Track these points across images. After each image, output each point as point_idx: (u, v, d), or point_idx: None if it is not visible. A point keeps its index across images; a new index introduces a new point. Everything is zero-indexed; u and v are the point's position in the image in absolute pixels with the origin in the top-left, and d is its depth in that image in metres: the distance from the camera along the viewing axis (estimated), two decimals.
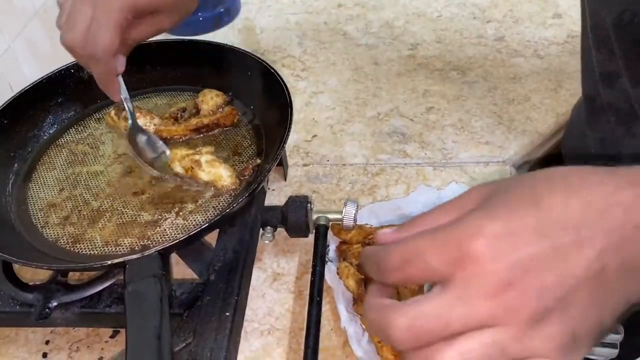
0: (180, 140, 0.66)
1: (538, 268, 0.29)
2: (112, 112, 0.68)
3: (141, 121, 0.66)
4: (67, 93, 0.71)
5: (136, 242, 0.56)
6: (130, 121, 0.63)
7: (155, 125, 0.67)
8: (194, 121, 0.67)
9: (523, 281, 0.29)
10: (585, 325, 0.30)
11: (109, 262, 0.50)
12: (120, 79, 0.59)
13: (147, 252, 0.50)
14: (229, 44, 0.72)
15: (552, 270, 0.29)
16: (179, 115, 0.69)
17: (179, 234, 0.56)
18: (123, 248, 0.56)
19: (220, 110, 0.68)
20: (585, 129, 0.67)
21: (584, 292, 0.29)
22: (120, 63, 0.57)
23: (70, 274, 0.58)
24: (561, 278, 0.29)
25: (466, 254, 0.30)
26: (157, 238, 0.56)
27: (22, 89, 0.68)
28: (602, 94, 0.61)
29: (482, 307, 0.29)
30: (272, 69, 0.66)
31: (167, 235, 0.56)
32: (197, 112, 0.69)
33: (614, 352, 0.53)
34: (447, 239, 0.31)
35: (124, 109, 0.68)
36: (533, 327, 0.29)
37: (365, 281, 0.56)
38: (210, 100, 0.69)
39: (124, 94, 0.61)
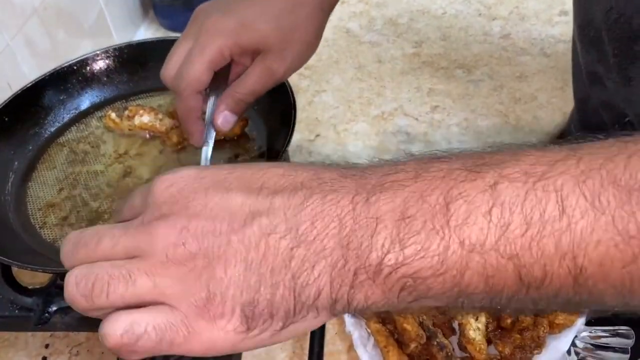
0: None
1: (198, 210, 0.29)
2: (113, 114, 0.67)
3: (146, 118, 0.65)
4: (68, 91, 0.70)
5: None
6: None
7: (160, 120, 0.66)
8: None
9: (176, 216, 0.29)
10: (228, 290, 0.28)
11: None
12: (212, 132, 0.53)
13: None
14: None
15: (209, 216, 0.29)
16: None
17: None
18: None
19: None
20: (579, 132, 0.67)
21: (238, 252, 0.28)
22: (223, 120, 0.52)
23: None
24: (216, 226, 0.28)
25: (149, 189, 0.31)
26: None
27: (24, 86, 0.67)
28: (592, 96, 0.60)
29: (132, 234, 0.30)
30: None
31: None
32: None
33: (625, 357, 0.53)
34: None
35: (124, 110, 0.67)
36: (170, 266, 0.28)
37: None
38: None
39: (208, 143, 0.53)
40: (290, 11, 0.51)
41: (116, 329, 0.29)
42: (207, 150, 0.53)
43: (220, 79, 0.53)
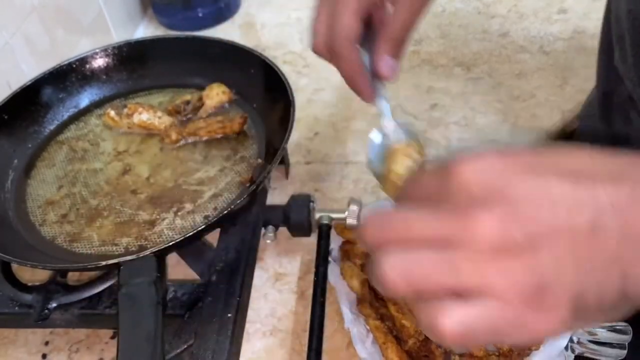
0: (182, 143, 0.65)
1: (517, 197, 0.27)
2: (112, 112, 0.67)
3: (145, 116, 0.65)
4: (68, 89, 0.71)
5: (133, 242, 0.55)
6: (385, 123, 0.51)
7: (159, 118, 0.66)
8: (200, 124, 0.65)
9: (495, 204, 0.27)
10: (558, 281, 0.27)
11: (103, 263, 0.49)
12: (384, 95, 0.49)
13: (142, 254, 0.49)
14: (229, 40, 0.71)
15: (531, 204, 0.27)
16: (182, 108, 0.68)
17: (176, 234, 0.55)
18: (120, 248, 0.55)
19: (225, 106, 0.68)
20: (597, 125, 0.66)
21: (566, 243, 0.27)
22: (386, 66, 0.48)
23: (70, 274, 0.57)
24: (541, 214, 0.27)
25: (450, 173, 0.28)
26: (154, 238, 0.55)
27: (23, 85, 0.67)
28: (620, 90, 0.59)
29: (445, 219, 0.28)
30: (274, 65, 0.65)
31: (164, 235, 0.55)
32: (201, 106, 0.68)
33: (622, 352, 0.53)
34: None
35: (123, 108, 0.67)
36: (494, 256, 0.27)
37: (369, 281, 0.56)
38: (216, 96, 0.68)
39: (381, 96, 0.49)
40: None
41: (452, 322, 0.27)
42: (384, 103, 0.50)
43: (370, 34, 0.49)
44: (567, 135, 0.77)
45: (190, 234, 0.51)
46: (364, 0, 0.47)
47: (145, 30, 1.05)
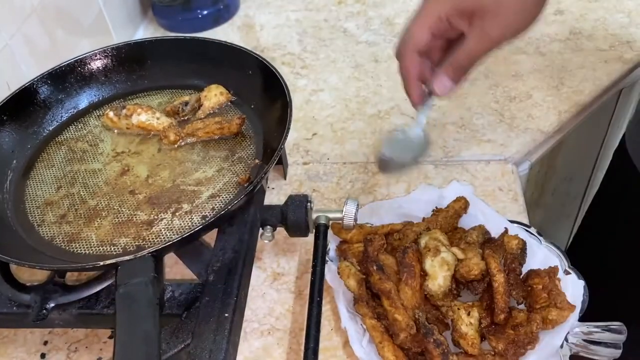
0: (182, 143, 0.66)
1: None
2: (111, 113, 0.67)
3: (143, 117, 0.66)
4: (67, 90, 0.71)
5: (131, 243, 0.56)
6: (418, 129, 0.59)
7: (157, 119, 0.66)
8: (198, 125, 0.66)
9: None
10: None
11: (101, 263, 0.49)
12: (428, 107, 0.57)
13: (139, 254, 0.49)
14: (228, 41, 0.71)
15: None
16: (180, 109, 0.68)
17: (174, 234, 0.56)
18: (118, 248, 0.55)
19: (224, 107, 0.68)
20: None
21: None
22: (441, 84, 0.54)
23: (68, 274, 0.57)
24: None
25: None
26: (152, 239, 0.56)
27: (22, 85, 0.67)
28: None
29: None
30: (272, 66, 0.65)
31: (162, 236, 0.56)
32: (199, 106, 0.68)
33: (617, 352, 0.53)
34: None
35: (122, 108, 0.67)
36: None
37: (366, 281, 0.56)
38: (214, 97, 0.68)
39: (425, 107, 0.57)
40: None
41: None
42: (423, 114, 0.58)
43: (444, 52, 0.56)
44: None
45: (188, 234, 0.51)
46: (437, 18, 0.52)
47: (145, 31, 1.05)
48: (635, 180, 0.73)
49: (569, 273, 0.57)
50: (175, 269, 0.63)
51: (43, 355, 0.59)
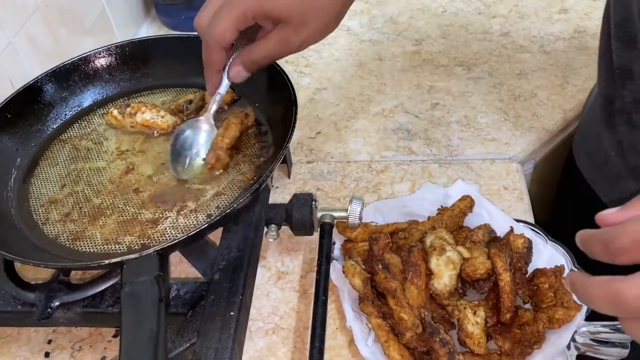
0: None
1: None
2: (115, 112, 0.67)
3: (148, 115, 0.66)
4: (71, 88, 0.71)
5: (136, 241, 0.55)
6: (209, 113, 0.62)
7: (162, 117, 0.66)
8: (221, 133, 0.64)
9: None
10: None
11: (106, 262, 0.49)
12: (226, 81, 0.58)
13: (145, 252, 0.49)
14: None
15: None
16: (184, 107, 0.68)
17: (179, 233, 0.55)
18: (123, 246, 0.55)
19: (226, 107, 0.68)
20: (601, 130, 0.66)
21: None
22: (235, 73, 0.57)
23: (73, 272, 0.57)
24: None
25: None
26: (157, 237, 0.55)
27: (26, 84, 0.67)
28: (624, 93, 0.60)
29: None
30: (277, 65, 0.65)
31: (167, 234, 0.56)
32: (203, 105, 0.68)
33: (624, 351, 0.53)
34: None
35: (126, 107, 0.67)
36: None
37: (372, 280, 0.56)
38: None
39: (219, 92, 0.59)
40: None
41: None
42: (216, 99, 0.60)
43: (247, 37, 0.57)
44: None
45: (193, 232, 0.51)
46: (244, 16, 0.53)
47: (148, 30, 1.05)
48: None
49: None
50: (180, 268, 0.63)
51: (47, 354, 0.59)
